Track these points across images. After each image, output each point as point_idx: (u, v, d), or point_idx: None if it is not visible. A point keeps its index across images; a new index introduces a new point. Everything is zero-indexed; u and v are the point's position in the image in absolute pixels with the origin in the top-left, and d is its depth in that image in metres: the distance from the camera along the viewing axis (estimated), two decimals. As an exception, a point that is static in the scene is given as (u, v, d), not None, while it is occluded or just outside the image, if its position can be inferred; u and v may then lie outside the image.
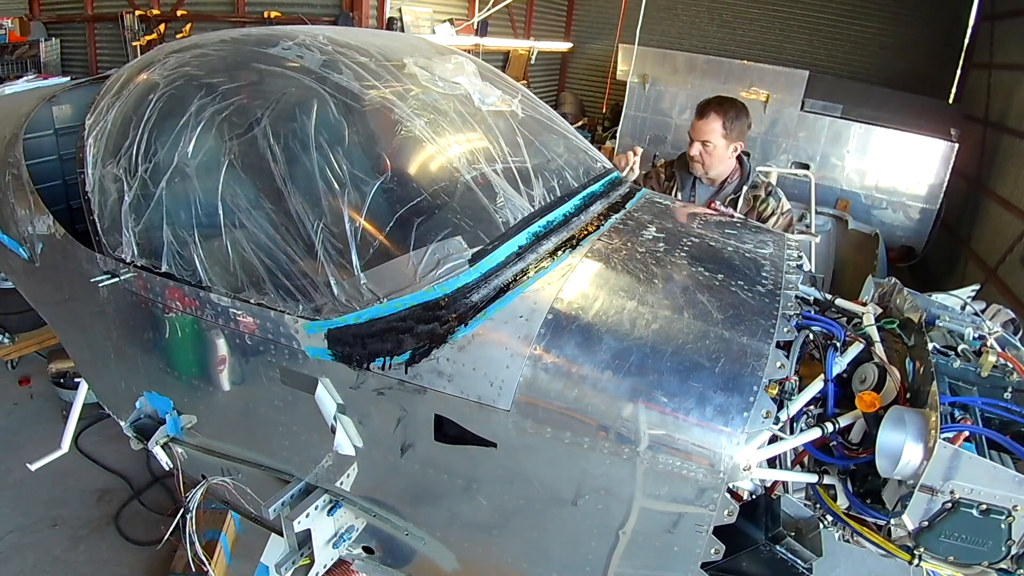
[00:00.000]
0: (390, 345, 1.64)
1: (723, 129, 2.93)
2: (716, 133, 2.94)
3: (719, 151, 2.97)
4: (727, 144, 2.96)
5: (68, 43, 9.59)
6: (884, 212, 8.08)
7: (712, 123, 2.94)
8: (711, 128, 2.94)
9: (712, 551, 1.51)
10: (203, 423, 2.13)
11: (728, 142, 2.96)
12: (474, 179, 1.95)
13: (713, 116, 2.95)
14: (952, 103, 10.18)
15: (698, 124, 2.99)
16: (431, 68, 2.25)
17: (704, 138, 2.96)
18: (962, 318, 1.82)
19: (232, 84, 2.03)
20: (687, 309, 1.68)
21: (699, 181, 3.12)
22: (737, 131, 2.96)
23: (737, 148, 3.00)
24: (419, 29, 8.84)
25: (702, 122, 2.97)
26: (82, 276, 2.13)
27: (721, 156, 2.99)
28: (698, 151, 2.99)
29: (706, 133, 2.95)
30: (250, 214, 1.86)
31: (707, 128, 2.95)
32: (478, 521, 1.73)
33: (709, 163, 3.01)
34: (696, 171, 3.07)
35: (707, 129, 2.95)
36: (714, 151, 2.97)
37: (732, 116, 2.95)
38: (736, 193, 3.04)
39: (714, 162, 3.01)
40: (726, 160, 3.02)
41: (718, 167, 3.04)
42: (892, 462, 1.41)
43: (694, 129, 3.01)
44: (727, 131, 2.94)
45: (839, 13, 11.77)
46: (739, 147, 3.00)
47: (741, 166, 3.09)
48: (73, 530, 3.67)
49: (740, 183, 3.06)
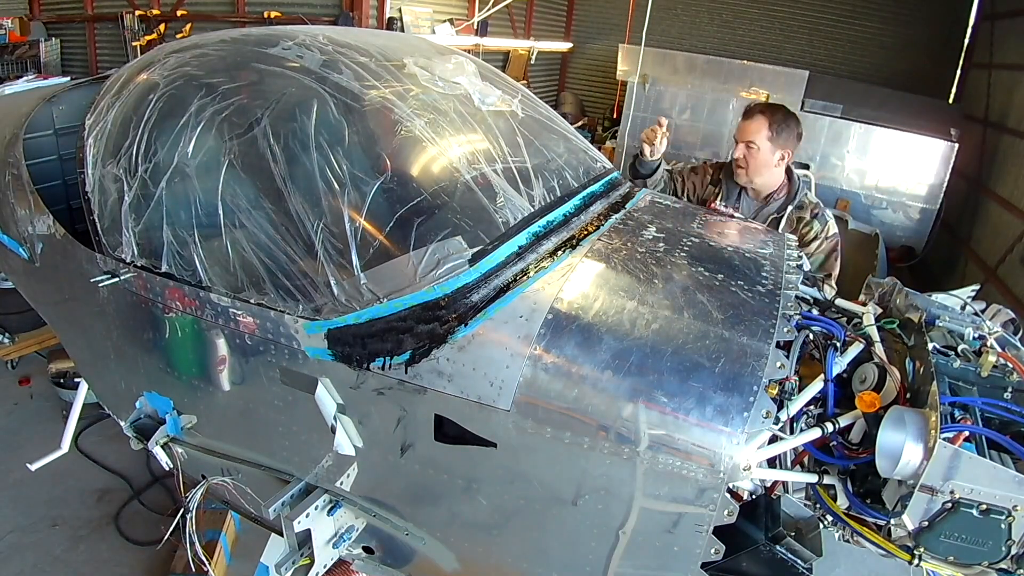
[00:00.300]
0: (390, 345, 1.64)
1: (768, 131, 2.82)
2: (761, 135, 2.82)
3: (763, 155, 2.84)
4: (772, 148, 2.83)
5: (68, 43, 9.58)
6: (884, 212, 8.08)
7: (757, 123, 2.83)
8: (756, 129, 2.83)
9: (712, 551, 1.51)
10: (203, 423, 2.13)
11: (774, 146, 2.83)
12: (474, 179, 1.95)
13: (759, 117, 2.84)
14: (952, 103, 10.18)
15: (743, 125, 2.88)
16: (431, 68, 2.25)
17: (748, 139, 2.84)
18: (962, 318, 1.82)
19: (232, 84, 2.03)
20: (687, 309, 1.68)
21: (745, 193, 2.99)
22: (784, 137, 2.84)
23: (785, 157, 2.87)
24: (419, 29, 8.84)
25: (747, 122, 2.86)
26: (82, 276, 2.13)
27: (766, 161, 2.85)
28: (742, 153, 2.87)
29: (751, 133, 2.84)
30: (250, 214, 1.86)
31: (751, 128, 2.84)
32: (478, 521, 1.73)
33: (753, 167, 2.87)
34: (740, 177, 2.93)
35: (752, 129, 2.84)
36: (758, 154, 2.84)
37: (780, 119, 2.84)
38: (780, 213, 2.90)
39: (758, 167, 2.87)
40: (771, 168, 2.88)
41: (763, 174, 2.89)
42: (892, 462, 1.41)
43: (739, 130, 2.89)
44: (773, 134, 2.82)
45: (839, 13, 11.76)
46: (787, 156, 2.87)
47: (790, 182, 2.95)
48: (73, 530, 3.67)
49: (786, 201, 2.92)
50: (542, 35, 12.86)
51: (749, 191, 2.98)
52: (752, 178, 2.91)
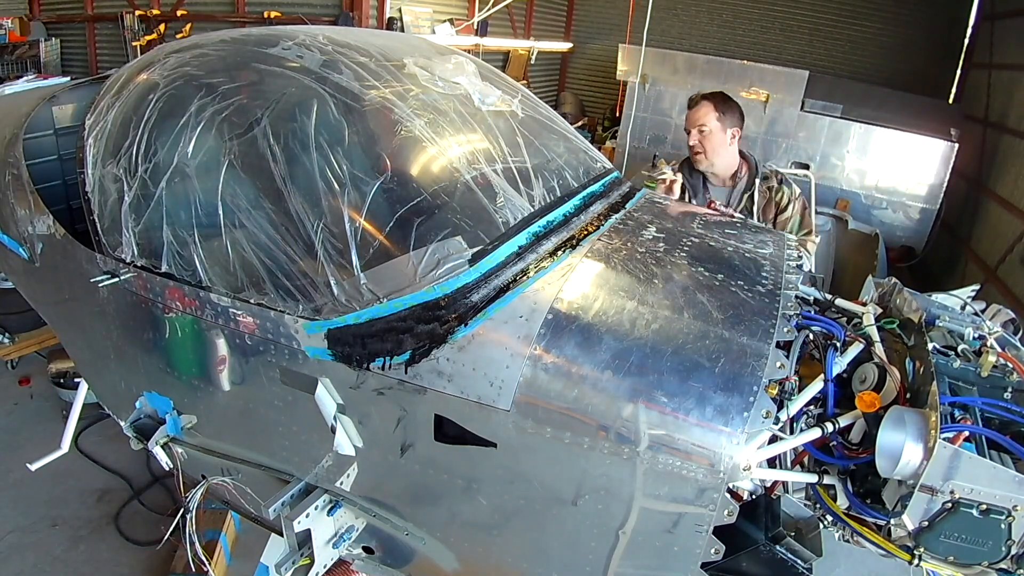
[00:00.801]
0: (390, 345, 1.64)
1: (715, 112, 2.97)
2: (710, 117, 2.97)
3: (716, 135, 2.98)
4: (722, 128, 2.98)
5: (68, 43, 9.58)
6: (884, 212, 8.07)
7: (704, 109, 3.00)
8: (704, 113, 2.99)
9: (712, 551, 1.51)
10: (203, 423, 2.13)
11: (723, 126, 2.98)
12: (474, 179, 1.94)
13: (704, 103, 3.00)
14: (952, 103, 10.18)
15: (690, 114, 3.05)
16: (431, 68, 2.25)
17: (699, 123, 2.99)
18: (962, 318, 1.82)
19: (232, 84, 2.03)
20: (687, 309, 1.68)
21: (710, 183, 3.10)
22: (730, 116, 2.99)
23: (735, 135, 3.01)
24: (419, 29, 8.84)
25: (694, 110, 3.03)
26: (82, 276, 2.13)
27: (720, 141, 3.00)
28: (696, 139, 3.02)
29: (700, 118, 3.00)
30: (250, 214, 1.86)
31: (699, 114, 3.00)
32: (478, 521, 1.73)
33: (710, 149, 3.00)
34: (700, 163, 3.06)
35: (700, 115, 3.00)
36: (711, 136, 2.98)
37: (721, 101, 3.00)
38: (750, 188, 3.05)
39: (715, 148, 3.00)
40: (726, 147, 3.02)
41: (720, 154, 3.02)
42: (892, 462, 1.41)
43: (688, 120, 3.06)
44: (720, 114, 2.97)
45: (839, 13, 11.76)
46: (736, 133, 3.02)
47: (746, 160, 3.10)
48: (73, 530, 3.67)
49: (751, 177, 3.06)
50: (542, 35, 12.86)
51: (712, 178, 3.10)
52: (712, 160, 3.04)
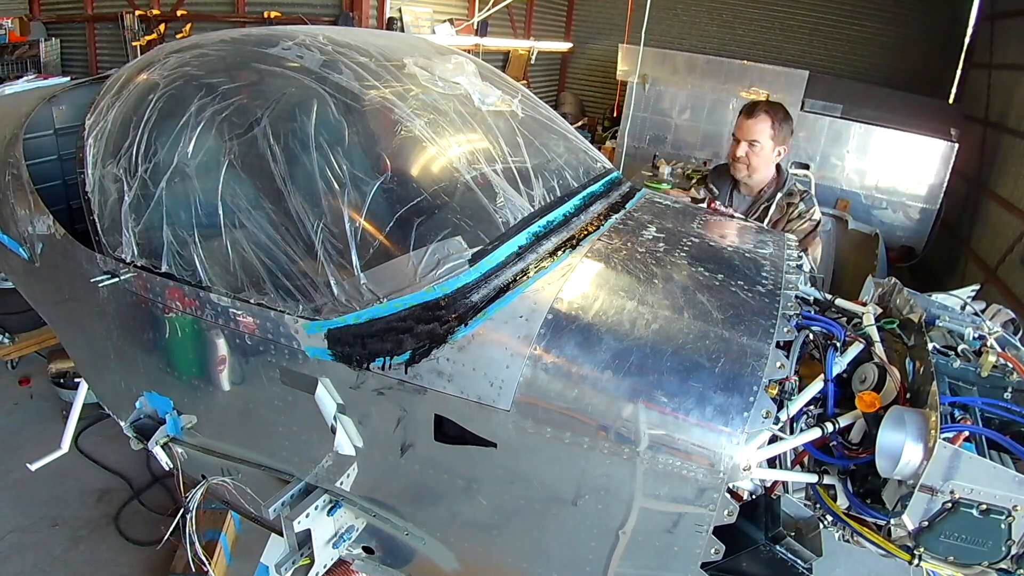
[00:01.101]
0: (390, 345, 1.64)
1: (771, 130, 2.87)
2: (765, 134, 2.87)
3: (766, 153, 2.90)
4: (774, 147, 2.89)
5: (68, 43, 9.58)
6: (884, 212, 8.08)
7: (762, 123, 2.87)
8: (761, 128, 2.87)
9: (712, 551, 1.51)
10: (203, 423, 2.13)
11: (775, 144, 2.89)
12: (474, 179, 1.94)
13: (763, 116, 2.88)
14: (952, 103, 10.18)
15: (747, 123, 2.90)
16: (431, 68, 2.25)
17: (753, 137, 2.88)
18: (962, 318, 1.82)
19: (232, 84, 2.03)
20: (687, 309, 1.68)
21: (736, 191, 3.04)
22: (783, 135, 2.90)
23: (780, 153, 2.93)
24: (419, 29, 8.83)
25: (752, 121, 2.89)
26: (82, 276, 2.13)
27: (767, 159, 2.91)
28: (745, 152, 2.91)
29: (756, 132, 2.88)
30: (250, 214, 1.86)
31: (757, 128, 2.88)
32: (478, 521, 1.73)
33: (755, 164, 2.92)
34: (739, 173, 2.98)
35: (757, 129, 2.87)
36: (761, 152, 2.89)
37: (781, 118, 2.89)
38: (769, 201, 2.97)
39: (760, 164, 2.92)
40: (770, 164, 2.95)
41: (762, 171, 2.95)
42: (892, 462, 1.41)
43: (742, 128, 2.92)
44: (775, 132, 2.88)
45: (839, 13, 11.76)
46: (782, 152, 2.94)
47: (779, 175, 3.01)
48: (73, 530, 3.67)
49: (775, 191, 2.98)
50: (542, 35, 12.86)
51: (742, 187, 3.04)
52: (751, 174, 2.96)
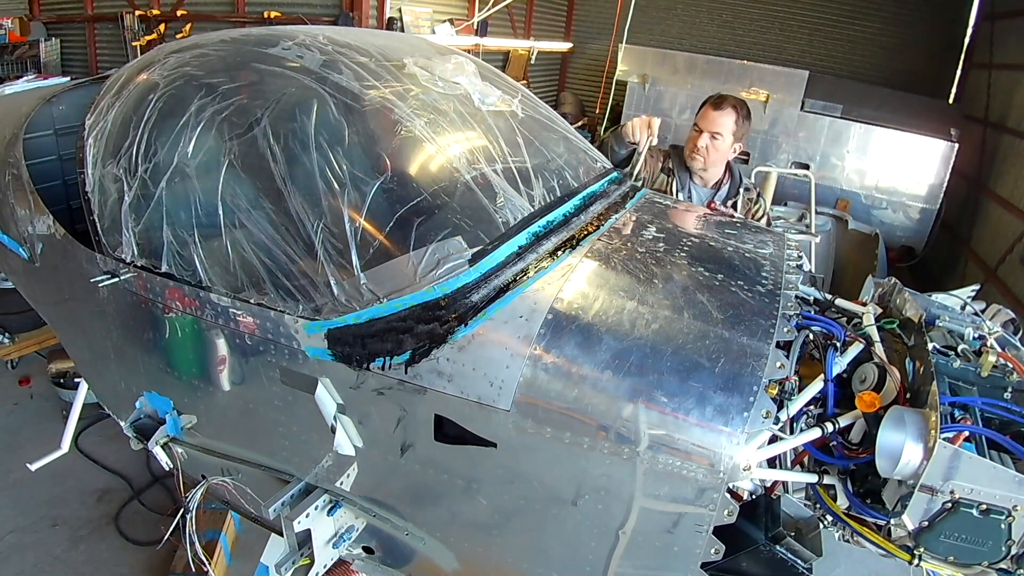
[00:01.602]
0: (390, 345, 1.64)
1: (735, 125, 2.86)
2: (728, 128, 2.86)
3: (725, 148, 2.90)
4: (732, 142, 2.90)
5: (68, 43, 9.58)
6: (884, 212, 8.09)
7: (727, 116, 2.86)
8: (725, 122, 2.86)
9: (712, 551, 1.51)
10: (203, 423, 2.13)
11: (734, 140, 2.90)
12: (474, 179, 1.95)
13: (730, 110, 2.86)
14: (952, 103, 10.19)
15: (713, 114, 2.88)
16: (431, 68, 2.25)
17: (717, 129, 2.86)
18: (962, 318, 1.82)
19: (232, 84, 2.03)
20: (687, 309, 1.68)
21: (693, 181, 3.05)
22: (743, 131, 2.92)
23: (736, 150, 2.95)
24: (419, 29, 8.83)
25: (718, 113, 2.87)
26: (82, 276, 2.13)
27: (725, 154, 2.93)
28: (706, 143, 2.89)
29: (720, 125, 2.86)
30: (250, 214, 1.86)
31: (722, 120, 2.86)
32: (478, 521, 1.73)
33: (713, 158, 2.92)
34: (695, 164, 2.97)
35: (722, 122, 2.86)
36: (721, 146, 2.89)
37: (744, 115, 2.90)
38: (733, 196, 3.00)
39: (718, 158, 2.93)
40: (725, 159, 2.98)
41: (719, 165, 2.98)
42: (892, 462, 1.41)
43: (707, 119, 2.89)
44: (737, 128, 2.88)
45: (839, 13, 11.76)
46: (738, 149, 2.96)
47: (730, 170, 3.05)
48: (73, 530, 3.67)
49: (734, 186, 3.02)
50: (542, 35, 12.86)
51: (696, 178, 3.04)
52: (708, 167, 2.97)
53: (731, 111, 2.86)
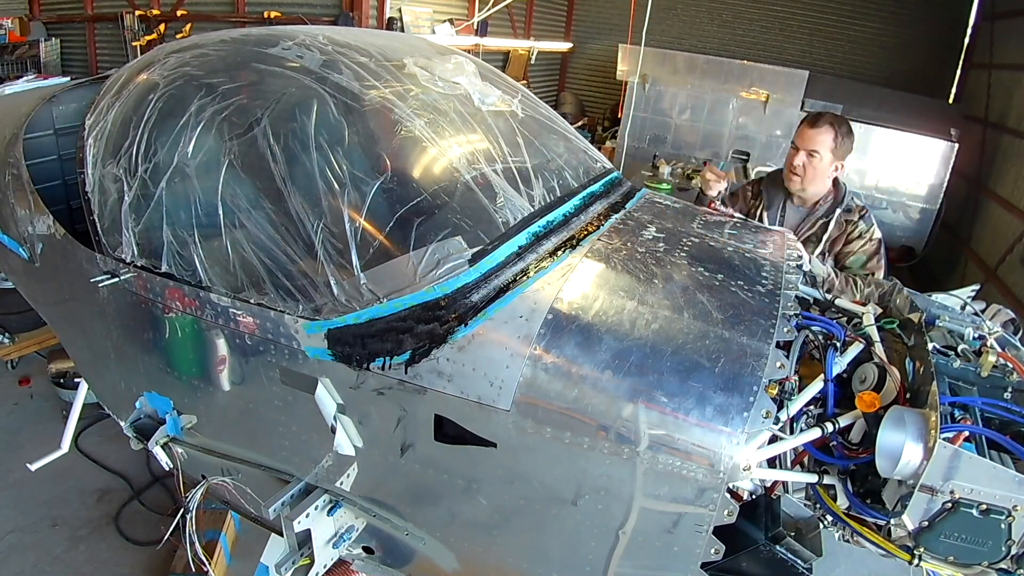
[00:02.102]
0: (390, 345, 1.64)
1: (833, 143, 2.77)
2: (826, 145, 2.76)
3: (824, 165, 2.79)
4: (832, 160, 2.80)
5: (68, 43, 9.57)
6: (884, 212, 8.08)
7: (825, 134, 2.76)
8: (823, 139, 2.75)
9: (712, 551, 1.51)
10: (203, 423, 2.13)
11: (834, 158, 2.80)
12: (474, 179, 1.95)
13: (827, 127, 2.77)
14: (952, 103, 10.19)
15: (809, 132, 2.79)
16: (431, 68, 2.25)
17: (814, 147, 2.76)
18: (962, 318, 1.82)
19: (232, 84, 2.03)
20: (687, 309, 1.68)
21: (790, 202, 2.95)
22: (844, 149, 2.81)
23: (838, 168, 2.84)
24: (419, 29, 8.83)
25: (815, 131, 2.78)
26: (82, 276, 2.13)
27: (824, 172, 2.81)
28: (802, 162, 2.80)
29: (817, 143, 2.76)
30: (250, 214, 1.86)
31: (819, 138, 2.76)
32: (478, 521, 1.73)
33: (811, 176, 2.81)
34: (793, 185, 2.87)
35: (819, 139, 2.76)
36: (819, 164, 2.78)
37: (844, 132, 2.80)
38: (828, 216, 2.86)
39: (816, 176, 2.81)
40: (826, 178, 2.85)
41: (817, 184, 2.85)
42: (892, 462, 1.41)
43: (803, 137, 2.80)
44: (836, 146, 2.78)
45: (839, 13, 11.76)
46: (840, 167, 2.84)
47: (836, 189, 2.91)
48: (73, 530, 3.66)
49: (833, 206, 2.86)
50: (542, 35, 12.86)
51: (795, 199, 2.94)
52: (806, 186, 2.86)
53: (828, 128, 2.78)
